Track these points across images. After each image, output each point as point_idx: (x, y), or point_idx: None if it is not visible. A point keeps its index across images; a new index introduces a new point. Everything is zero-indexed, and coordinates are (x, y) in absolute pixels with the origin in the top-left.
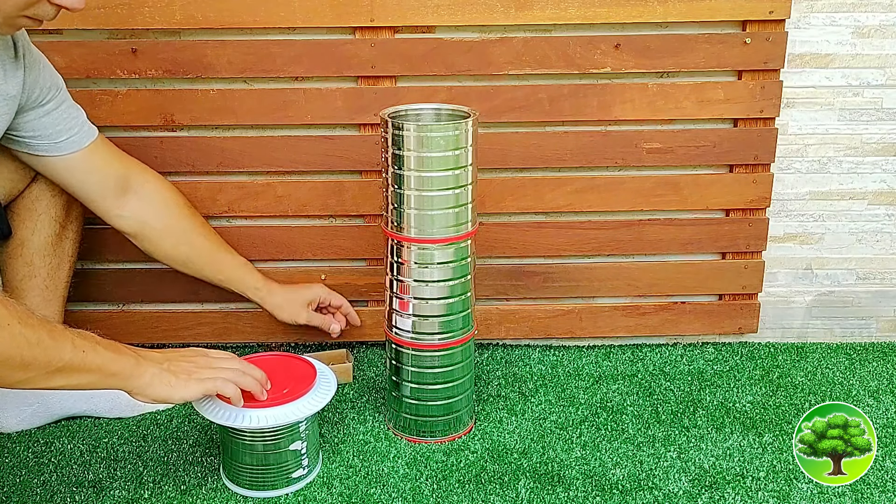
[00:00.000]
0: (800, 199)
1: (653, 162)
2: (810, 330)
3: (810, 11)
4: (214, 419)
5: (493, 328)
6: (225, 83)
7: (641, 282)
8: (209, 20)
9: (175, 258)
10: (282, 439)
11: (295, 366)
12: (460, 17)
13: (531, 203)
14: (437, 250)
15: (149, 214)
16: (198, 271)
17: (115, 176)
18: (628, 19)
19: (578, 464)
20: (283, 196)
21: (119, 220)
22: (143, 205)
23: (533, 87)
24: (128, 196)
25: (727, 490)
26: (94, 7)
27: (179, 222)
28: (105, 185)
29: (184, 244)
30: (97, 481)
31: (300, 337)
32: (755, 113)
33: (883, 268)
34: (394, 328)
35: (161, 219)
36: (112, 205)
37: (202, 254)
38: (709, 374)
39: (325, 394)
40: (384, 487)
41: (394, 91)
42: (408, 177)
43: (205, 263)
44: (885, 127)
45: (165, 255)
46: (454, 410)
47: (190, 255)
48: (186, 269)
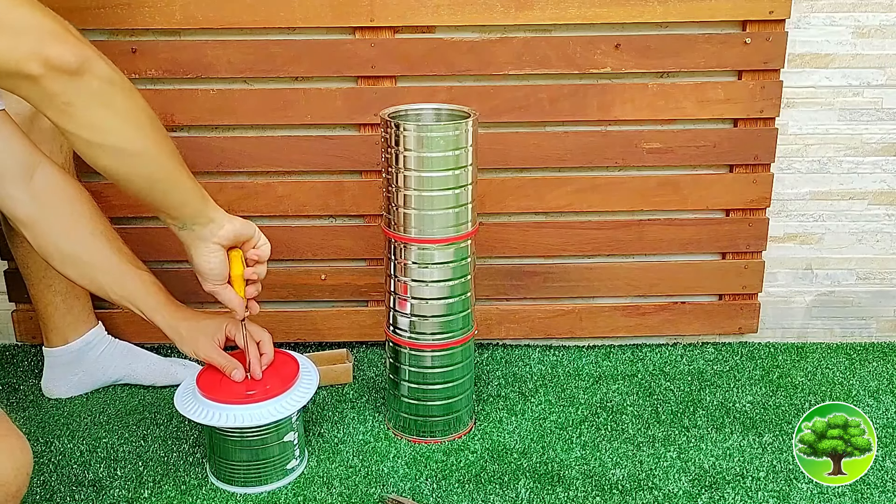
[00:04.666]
0: (800, 199)
1: (653, 162)
2: (810, 330)
3: (810, 11)
4: (209, 423)
5: (493, 328)
6: (225, 83)
7: (641, 282)
8: (209, 20)
9: (68, 259)
10: (274, 432)
11: (277, 360)
12: (460, 17)
13: (531, 203)
14: (437, 250)
15: (50, 204)
16: (93, 280)
17: (23, 154)
18: (628, 19)
19: (578, 464)
20: (283, 196)
21: (14, 204)
22: (47, 193)
23: (533, 87)
24: (31, 181)
25: (727, 490)
26: (94, 7)
27: (81, 220)
28: (9, 162)
29: (80, 244)
30: (97, 481)
31: (299, 337)
32: (755, 113)
33: (883, 268)
34: (394, 328)
35: (62, 213)
36: (11, 185)
37: (100, 259)
38: (709, 374)
39: (310, 383)
40: (384, 487)
41: (394, 91)
42: (408, 177)
43: (100, 270)
44: (885, 127)
45: (60, 254)
46: (454, 410)
47: (84, 258)
48: (81, 277)
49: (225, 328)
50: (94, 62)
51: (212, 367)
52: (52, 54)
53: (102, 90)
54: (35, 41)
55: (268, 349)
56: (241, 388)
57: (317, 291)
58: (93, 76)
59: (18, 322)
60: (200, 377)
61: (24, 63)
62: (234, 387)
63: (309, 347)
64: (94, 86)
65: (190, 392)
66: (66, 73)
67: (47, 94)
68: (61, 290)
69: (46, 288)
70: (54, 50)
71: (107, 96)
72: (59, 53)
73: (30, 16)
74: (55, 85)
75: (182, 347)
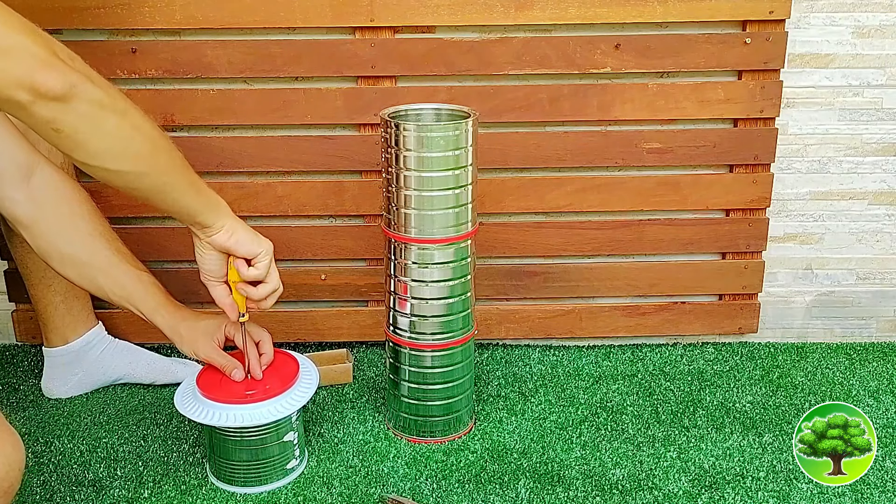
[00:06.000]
0: (800, 199)
1: (653, 162)
2: (810, 330)
3: (810, 11)
4: (209, 422)
5: (493, 328)
6: (225, 83)
7: (641, 282)
8: (209, 20)
9: (67, 259)
10: (274, 432)
11: (277, 359)
12: (460, 17)
13: (531, 203)
14: (437, 250)
15: (48, 205)
16: (92, 280)
17: (21, 155)
18: (628, 19)
19: (578, 464)
20: (283, 196)
21: (13, 205)
22: (45, 194)
23: (533, 87)
24: (30, 182)
25: (727, 490)
26: (94, 7)
27: (79, 221)
28: (7, 163)
29: (79, 244)
30: (97, 481)
31: (299, 337)
32: (755, 113)
33: (883, 268)
34: (394, 328)
35: (61, 214)
36: (9, 186)
37: (99, 259)
38: (709, 374)
39: (310, 383)
40: (384, 487)
41: (394, 91)
42: (408, 177)
43: (99, 271)
44: (885, 127)
45: (59, 254)
46: (454, 410)
47: (83, 258)
48: (80, 278)
49: (224, 328)
50: (82, 86)
51: (212, 367)
52: (39, 81)
53: (92, 114)
54: (21, 68)
55: (267, 349)
56: (240, 388)
57: (317, 291)
58: (80, 101)
59: (18, 322)
60: (200, 377)
61: (12, 90)
62: (234, 387)
63: (309, 347)
64: (82, 110)
65: (190, 392)
66: (53, 100)
67: (36, 120)
68: (61, 290)
69: (46, 288)
70: (40, 76)
71: (97, 120)
72: (45, 80)
73: (16, 41)
74: (43, 111)
75: (182, 348)
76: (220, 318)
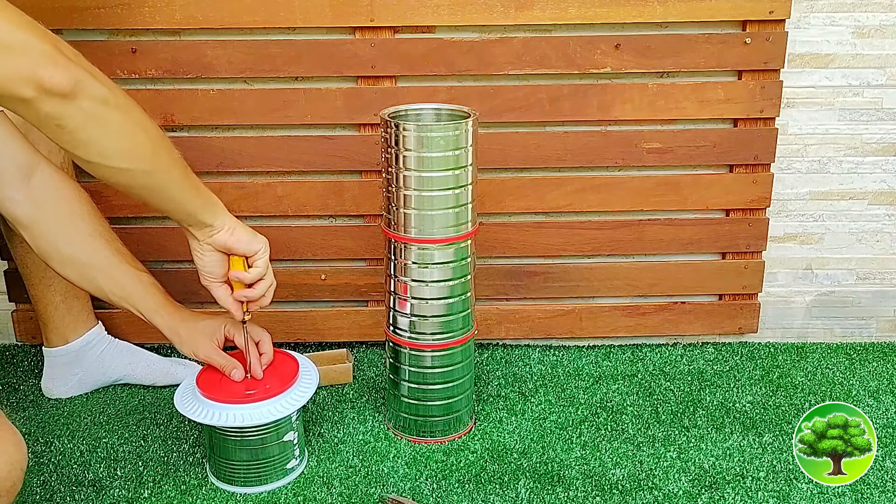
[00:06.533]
0: (800, 199)
1: (653, 162)
2: (810, 330)
3: (810, 11)
4: (209, 422)
5: (493, 328)
6: (225, 83)
7: (641, 282)
8: (209, 20)
9: (67, 259)
10: (274, 432)
11: (277, 359)
12: (460, 17)
13: (531, 203)
14: (437, 250)
15: (48, 205)
16: (92, 281)
17: (21, 155)
18: (628, 19)
19: (578, 464)
20: (283, 196)
21: (13, 205)
22: (45, 194)
23: (533, 87)
24: (30, 182)
25: (727, 490)
26: (94, 7)
27: (79, 221)
28: (8, 164)
29: (79, 244)
30: (97, 481)
31: (299, 337)
32: (755, 113)
33: (883, 268)
34: (394, 328)
35: (60, 214)
36: (9, 186)
37: (99, 260)
38: (709, 374)
39: (310, 383)
40: (384, 487)
41: (394, 91)
42: (408, 177)
43: (99, 271)
44: (885, 127)
45: (59, 254)
46: (454, 410)
47: (83, 259)
48: (80, 278)
49: (224, 328)
50: (87, 83)
51: (211, 367)
52: (44, 77)
53: (95, 111)
54: (27, 64)
55: (267, 349)
56: (240, 388)
57: (317, 291)
58: (85, 97)
59: (18, 322)
60: (200, 377)
61: (17, 86)
62: (234, 386)
63: (309, 347)
64: (86, 107)
65: (190, 392)
66: (57, 96)
67: (40, 116)
68: (61, 290)
69: (46, 288)
70: (46, 72)
71: (100, 117)
72: (51, 76)
73: (21, 37)
74: (47, 107)
75: (181, 348)
76: (219, 319)
